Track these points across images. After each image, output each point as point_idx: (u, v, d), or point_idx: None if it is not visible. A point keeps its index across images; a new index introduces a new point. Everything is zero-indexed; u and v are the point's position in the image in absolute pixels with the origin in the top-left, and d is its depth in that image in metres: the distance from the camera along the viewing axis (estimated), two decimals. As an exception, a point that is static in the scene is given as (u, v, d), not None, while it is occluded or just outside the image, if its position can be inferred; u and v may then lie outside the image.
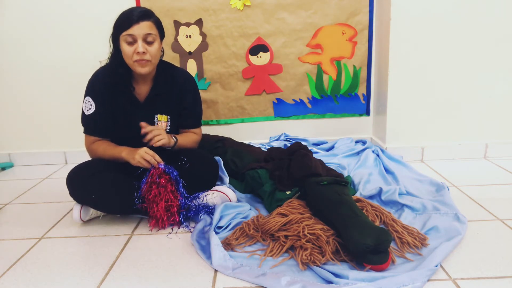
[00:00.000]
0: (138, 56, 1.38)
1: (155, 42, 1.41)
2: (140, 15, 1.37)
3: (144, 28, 1.37)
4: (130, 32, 1.36)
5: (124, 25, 1.37)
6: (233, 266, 1.12)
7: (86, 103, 1.46)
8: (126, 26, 1.36)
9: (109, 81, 1.45)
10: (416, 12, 1.86)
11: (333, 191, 1.31)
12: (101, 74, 1.48)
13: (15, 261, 1.23)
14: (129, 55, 1.39)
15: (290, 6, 2.06)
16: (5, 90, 2.15)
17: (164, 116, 1.54)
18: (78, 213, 1.43)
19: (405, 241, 1.20)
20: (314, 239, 1.18)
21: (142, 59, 1.38)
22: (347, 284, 1.00)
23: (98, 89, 1.46)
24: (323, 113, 2.24)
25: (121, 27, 1.38)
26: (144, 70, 1.42)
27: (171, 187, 1.38)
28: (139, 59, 1.38)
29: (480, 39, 1.89)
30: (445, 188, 1.51)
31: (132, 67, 1.43)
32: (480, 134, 2.02)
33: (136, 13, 1.38)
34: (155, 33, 1.41)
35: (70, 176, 1.40)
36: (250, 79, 2.17)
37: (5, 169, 2.20)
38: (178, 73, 1.57)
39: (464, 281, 1.03)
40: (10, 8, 2.03)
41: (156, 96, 1.51)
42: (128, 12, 1.39)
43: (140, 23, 1.36)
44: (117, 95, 1.47)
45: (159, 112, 1.53)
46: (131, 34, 1.36)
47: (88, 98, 1.46)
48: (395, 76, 1.95)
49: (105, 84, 1.46)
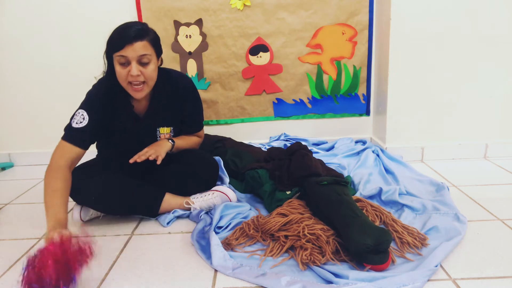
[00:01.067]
0: (132, 78, 1.30)
1: (150, 62, 1.32)
2: (134, 35, 1.27)
3: (138, 50, 1.27)
4: (122, 53, 1.27)
5: (116, 44, 1.27)
6: (233, 266, 1.12)
7: (78, 116, 1.35)
8: (119, 47, 1.27)
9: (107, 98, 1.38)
10: (416, 12, 1.86)
11: (333, 191, 1.31)
12: (99, 90, 1.40)
13: (15, 261, 1.23)
14: (123, 77, 1.31)
15: (290, 6, 2.06)
16: (5, 90, 2.15)
17: (166, 129, 1.51)
18: (79, 213, 1.44)
19: (405, 241, 1.20)
20: (314, 239, 1.18)
21: (136, 81, 1.31)
22: (347, 284, 1.00)
23: (96, 105, 1.37)
24: (323, 113, 2.24)
25: (114, 46, 1.28)
26: (140, 95, 1.36)
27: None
28: (133, 81, 1.31)
29: (480, 39, 1.89)
30: (445, 188, 1.51)
31: (126, 89, 1.35)
32: (480, 134, 2.02)
33: (130, 31, 1.27)
34: (151, 53, 1.31)
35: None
36: (250, 79, 2.17)
37: (5, 169, 2.20)
38: (175, 80, 1.49)
39: (464, 281, 1.03)
40: (10, 8, 2.03)
41: (155, 110, 1.47)
42: (121, 30, 1.29)
43: (133, 44, 1.26)
44: (116, 112, 1.42)
45: (160, 125, 1.50)
46: (124, 56, 1.27)
47: (82, 111, 1.35)
48: (395, 76, 1.95)
49: (103, 100, 1.38)
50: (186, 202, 1.47)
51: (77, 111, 1.37)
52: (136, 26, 1.30)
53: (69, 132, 1.35)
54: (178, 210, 1.47)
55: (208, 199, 1.48)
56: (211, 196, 1.49)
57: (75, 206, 1.45)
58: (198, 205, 1.47)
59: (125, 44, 1.26)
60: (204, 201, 1.48)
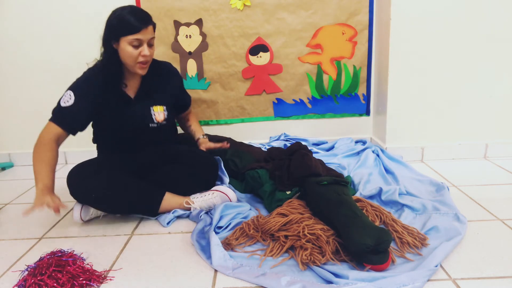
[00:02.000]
0: (144, 58, 1.42)
1: (154, 44, 1.47)
2: (146, 20, 1.40)
3: (150, 33, 1.41)
4: (138, 36, 1.38)
5: (133, 28, 1.37)
6: (233, 266, 1.12)
7: (65, 96, 1.43)
8: (135, 29, 1.37)
9: (98, 81, 1.45)
10: (416, 12, 1.86)
11: (333, 191, 1.31)
12: (91, 74, 1.47)
13: (15, 261, 1.23)
14: (134, 57, 1.41)
15: (290, 6, 2.06)
16: (5, 90, 2.15)
17: (160, 107, 1.55)
18: (79, 213, 1.44)
19: (405, 241, 1.20)
20: (314, 239, 1.18)
21: (146, 61, 1.43)
22: (347, 284, 1.00)
23: (86, 87, 1.44)
24: (323, 113, 2.23)
25: (128, 29, 1.37)
26: (145, 72, 1.47)
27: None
28: (143, 61, 1.42)
29: (480, 39, 1.89)
30: (445, 188, 1.51)
31: (132, 68, 1.45)
32: (480, 134, 2.02)
33: (143, 15, 1.40)
34: (154, 36, 1.45)
35: (70, 174, 1.40)
36: (250, 79, 2.17)
37: (5, 169, 2.20)
38: (158, 63, 1.60)
39: (464, 281, 1.03)
40: (10, 7, 2.03)
41: (147, 91, 1.53)
42: (131, 15, 1.38)
43: (148, 28, 1.39)
44: (107, 94, 1.46)
45: (153, 104, 1.55)
46: (139, 39, 1.38)
47: (70, 92, 1.43)
48: (395, 76, 1.95)
49: (94, 83, 1.45)
50: (186, 202, 1.47)
51: (66, 92, 1.44)
52: (142, 10, 1.44)
53: (58, 113, 1.43)
54: (178, 210, 1.47)
55: (208, 199, 1.48)
56: (211, 196, 1.49)
57: (75, 205, 1.45)
58: (198, 205, 1.47)
59: (141, 27, 1.37)
60: (204, 201, 1.48)
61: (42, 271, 1.07)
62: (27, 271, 1.11)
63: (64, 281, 1.05)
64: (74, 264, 1.12)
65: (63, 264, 1.11)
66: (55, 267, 1.09)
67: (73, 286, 1.05)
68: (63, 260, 1.12)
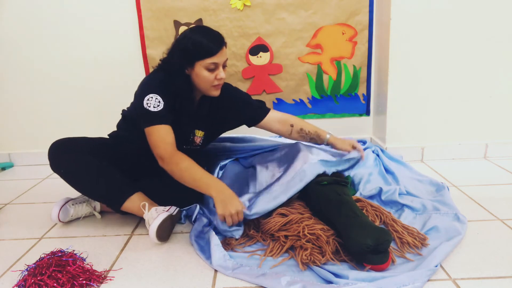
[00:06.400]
0: (218, 81, 1.37)
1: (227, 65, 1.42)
2: (221, 41, 1.34)
3: (224, 55, 1.36)
4: (214, 60, 1.32)
5: (206, 52, 1.31)
6: (233, 266, 1.12)
7: (151, 100, 1.32)
8: (211, 54, 1.31)
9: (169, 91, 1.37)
10: (416, 12, 1.86)
11: (333, 191, 1.31)
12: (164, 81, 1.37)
13: (15, 261, 1.23)
14: (210, 81, 1.36)
15: (290, 6, 2.06)
16: (5, 90, 2.15)
17: (201, 132, 1.51)
18: (57, 214, 1.42)
19: (405, 241, 1.20)
20: (314, 239, 1.18)
21: (220, 84, 1.39)
22: (347, 284, 1.00)
23: (166, 91, 1.35)
24: (323, 113, 2.24)
25: (202, 54, 1.31)
26: (218, 93, 1.42)
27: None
28: (218, 84, 1.38)
29: (480, 39, 1.89)
30: (445, 188, 1.51)
31: (206, 91, 1.39)
32: (480, 134, 2.02)
33: (216, 38, 1.33)
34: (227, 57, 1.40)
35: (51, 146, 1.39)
36: (250, 79, 2.17)
37: (5, 169, 2.20)
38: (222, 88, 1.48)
39: (464, 281, 1.03)
40: (10, 7, 2.03)
41: (200, 112, 1.49)
42: (205, 37, 1.32)
43: (223, 50, 1.34)
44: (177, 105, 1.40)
45: (197, 128, 1.50)
46: (215, 63, 1.33)
47: (155, 95, 1.32)
48: (395, 76, 1.95)
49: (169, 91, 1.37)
50: (143, 206, 1.34)
51: (148, 96, 1.32)
52: (214, 31, 1.36)
53: (157, 116, 1.32)
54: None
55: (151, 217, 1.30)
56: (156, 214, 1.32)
57: (54, 206, 1.43)
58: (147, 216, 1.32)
59: (218, 50, 1.32)
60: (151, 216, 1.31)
61: (42, 271, 1.07)
62: (27, 271, 1.11)
63: (64, 281, 1.05)
64: (74, 264, 1.12)
65: (63, 264, 1.11)
66: (55, 267, 1.09)
67: (73, 286, 1.05)
68: (63, 260, 1.12)
